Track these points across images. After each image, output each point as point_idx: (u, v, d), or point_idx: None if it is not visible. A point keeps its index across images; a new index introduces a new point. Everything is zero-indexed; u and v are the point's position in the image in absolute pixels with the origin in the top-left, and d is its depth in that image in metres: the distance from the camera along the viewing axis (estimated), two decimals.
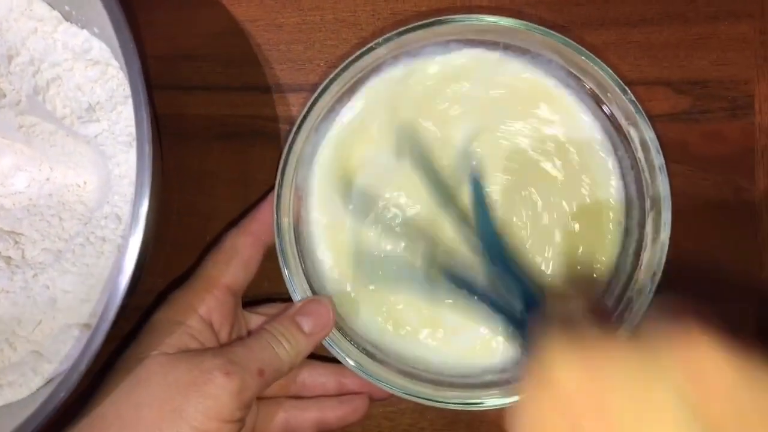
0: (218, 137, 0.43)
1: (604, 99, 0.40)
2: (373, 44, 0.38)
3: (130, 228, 0.32)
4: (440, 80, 0.41)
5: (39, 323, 0.37)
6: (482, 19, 0.39)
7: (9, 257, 0.39)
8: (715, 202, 0.43)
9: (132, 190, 0.37)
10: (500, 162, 0.41)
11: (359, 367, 0.39)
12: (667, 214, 0.38)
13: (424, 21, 0.39)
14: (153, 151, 0.32)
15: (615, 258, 0.41)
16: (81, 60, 0.38)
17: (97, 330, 0.32)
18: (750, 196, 0.43)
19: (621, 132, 0.40)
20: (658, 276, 0.38)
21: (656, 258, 0.38)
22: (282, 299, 0.41)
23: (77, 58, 0.38)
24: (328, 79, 0.39)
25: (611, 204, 0.41)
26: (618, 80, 0.39)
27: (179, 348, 0.36)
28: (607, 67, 0.39)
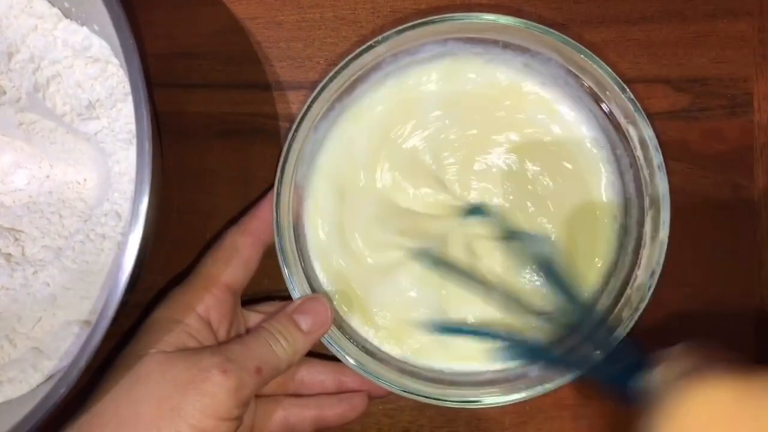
0: (218, 135, 0.43)
1: (603, 97, 0.40)
2: (373, 42, 0.38)
3: (130, 225, 0.32)
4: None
5: (39, 320, 0.38)
6: (481, 17, 0.39)
7: (9, 254, 0.39)
8: (714, 200, 0.43)
9: (132, 188, 0.37)
10: (499, 182, 0.41)
11: (359, 366, 0.39)
12: (666, 213, 0.38)
13: (424, 19, 0.39)
14: (153, 149, 0.32)
15: (614, 256, 0.41)
16: (81, 57, 0.38)
17: (97, 327, 0.32)
18: (749, 194, 0.43)
19: (620, 130, 0.40)
20: (657, 274, 0.38)
21: (655, 256, 0.38)
22: (282, 297, 0.41)
23: (77, 56, 0.38)
24: (328, 77, 0.39)
25: (610, 202, 0.41)
26: (617, 78, 0.39)
27: (177, 346, 0.36)
28: (606, 66, 0.39)
